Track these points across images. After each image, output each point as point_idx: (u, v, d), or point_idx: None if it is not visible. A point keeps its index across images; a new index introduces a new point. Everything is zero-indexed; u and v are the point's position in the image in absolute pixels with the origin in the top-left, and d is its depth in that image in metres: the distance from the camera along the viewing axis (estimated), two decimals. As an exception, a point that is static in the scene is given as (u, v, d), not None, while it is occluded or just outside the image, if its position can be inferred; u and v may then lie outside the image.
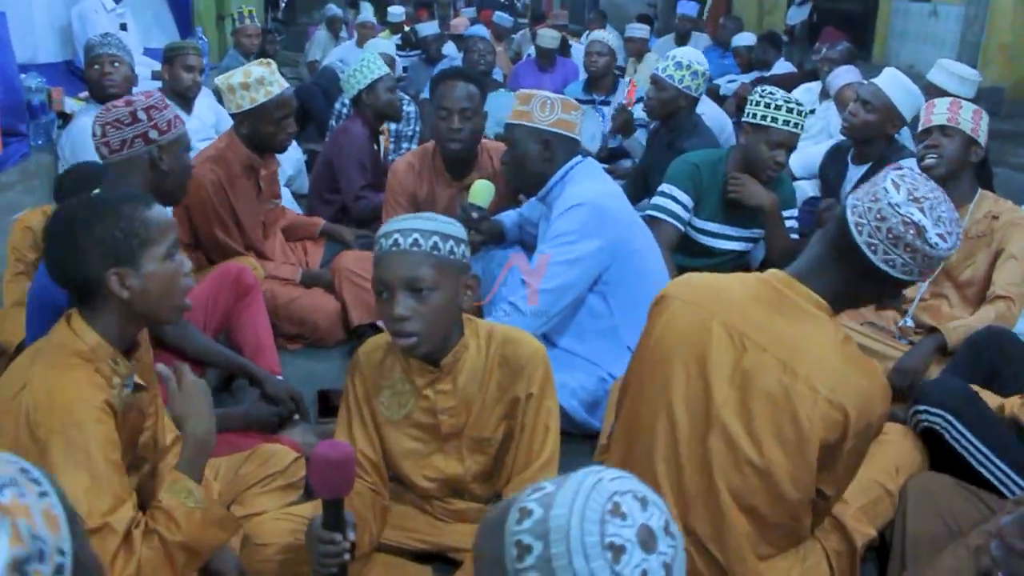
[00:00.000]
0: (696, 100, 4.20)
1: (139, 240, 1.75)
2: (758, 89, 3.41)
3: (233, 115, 3.40)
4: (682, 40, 8.41)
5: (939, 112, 3.07)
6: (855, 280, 1.75)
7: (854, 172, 3.89)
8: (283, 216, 3.91)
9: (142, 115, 2.39)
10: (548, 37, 7.24)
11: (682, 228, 3.53)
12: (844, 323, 3.02)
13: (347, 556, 1.71)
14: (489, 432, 2.05)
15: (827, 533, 2.01)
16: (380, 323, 3.42)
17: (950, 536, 1.99)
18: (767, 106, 3.32)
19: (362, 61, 4.38)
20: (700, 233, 3.58)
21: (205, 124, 4.89)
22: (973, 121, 3.03)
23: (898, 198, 1.67)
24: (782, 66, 7.32)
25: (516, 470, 2.05)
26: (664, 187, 3.55)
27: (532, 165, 2.91)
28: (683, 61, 4.10)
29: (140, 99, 2.44)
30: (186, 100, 4.67)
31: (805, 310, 1.76)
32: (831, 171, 4.03)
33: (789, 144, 3.35)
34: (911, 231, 1.65)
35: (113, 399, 1.75)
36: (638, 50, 7.61)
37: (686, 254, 3.54)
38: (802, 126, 3.35)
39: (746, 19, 11.49)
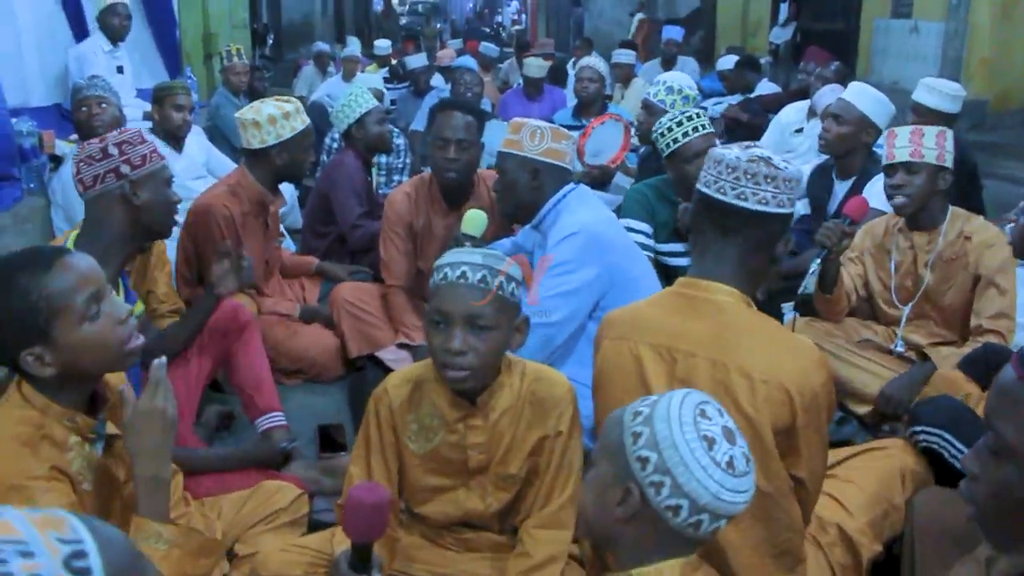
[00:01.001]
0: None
1: (44, 315, 1.59)
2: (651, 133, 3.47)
3: (268, 148, 3.38)
4: (668, 65, 8.48)
5: (901, 146, 2.93)
6: (748, 244, 1.81)
7: (840, 188, 3.93)
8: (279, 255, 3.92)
9: (113, 150, 2.34)
10: (535, 67, 7.30)
11: (652, 256, 3.51)
12: (840, 343, 3.07)
13: None
14: (515, 469, 2.03)
15: (832, 546, 2.04)
16: (378, 354, 3.47)
17: (959, 551, 1.99)
18: (663, 135, 3.38)
19: (350, 96, 4.41)
20: (668, 256, 3.56)
21: (195, 163, 4.90)
22: (938, 147, 2.91)
23: (734, 152, 1.80)
24: (766, 87, 7.39)
25: (536, 506, 2.04)
26: (622, 222, 3.49)
27: (521, 194, 2.92)
28: (674, 86, 4.16)
29: (114, 134, 2.39)
30: (176, 140, 4.69)
31: (719, 304, 1.81)
32: (817, 189, 4.07)
33: (705, 148, 3.27)
34: (760, 164, 1.77)
35: (70, 461, 1.67)
36: (625, 75, 7.68)
37: (666, 283, 3.52)
38: (704, 126, 3.36)
39: (730, 40, 11.62)
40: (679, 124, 3.36)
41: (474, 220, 2.96)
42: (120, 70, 6.10)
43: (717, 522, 1.34)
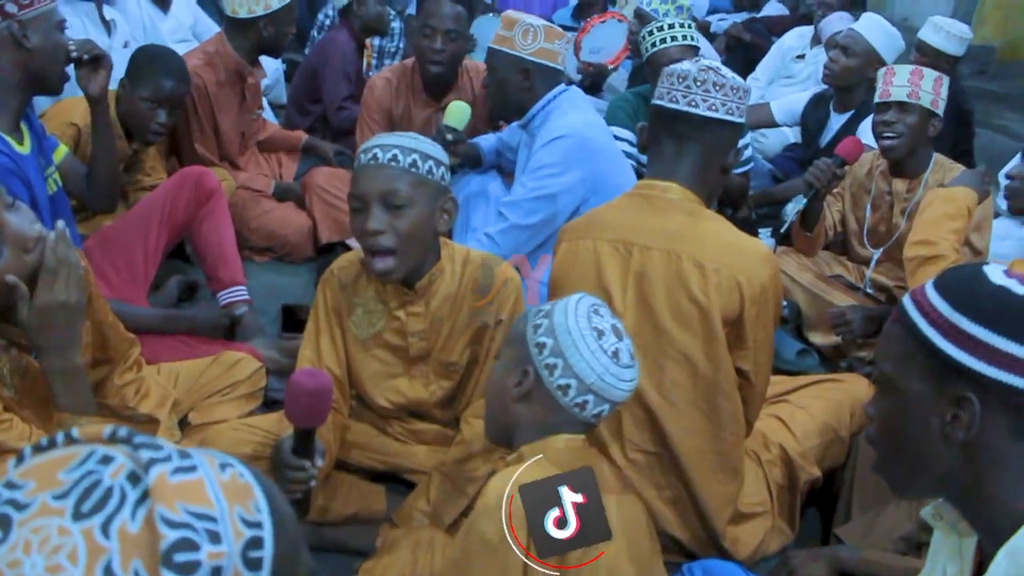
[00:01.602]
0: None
1: None
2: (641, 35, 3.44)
3: (256, 18, 3.27)
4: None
5: (899, 84, 2.84)
6: (700, 150, 1.91)
7: (836, 120, 3.87)
8: (264, 128, 3.84)
9: None
10: (537, -41, 7.06)
11: (634, 164, 3.49)
12: (811, 277, 3.07)
13: (313, 483, 1.70)
14: (456, 357, 2.05)
15: (772, 465, 2.11)
16: (349, 242, 3.43)
17: (896, 492, 2.03)
18: (645, 38, 3.36)
19: (357, -29, 4.27)
20: None
21: (182, 25, 4.73)
22: (934, 92, 2.83)
23: (686, 65, 1.93)
24: (774, 7, 7.19)
25: (477, 395, 2.06)
26: None
27: (511, 93, 2.86)
28: (669, -6, 4.04)
29: None
30: (163, -1, 4.52)
31: (676, 203, 1.90)
32: (812, 119, 4.01)
33: (684, 58, 3.26)
34: (710, 73, 1.88)
35: None
36: (630, -20, 7.45)
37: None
38: (686, 36, 3.31)
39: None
40: (661, 29, 3.31)
41: (457, 112, 2.90)
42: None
43: (601, 405, 1.50)
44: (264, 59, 3.58)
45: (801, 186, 3.60)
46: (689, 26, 3.37)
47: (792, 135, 4.48)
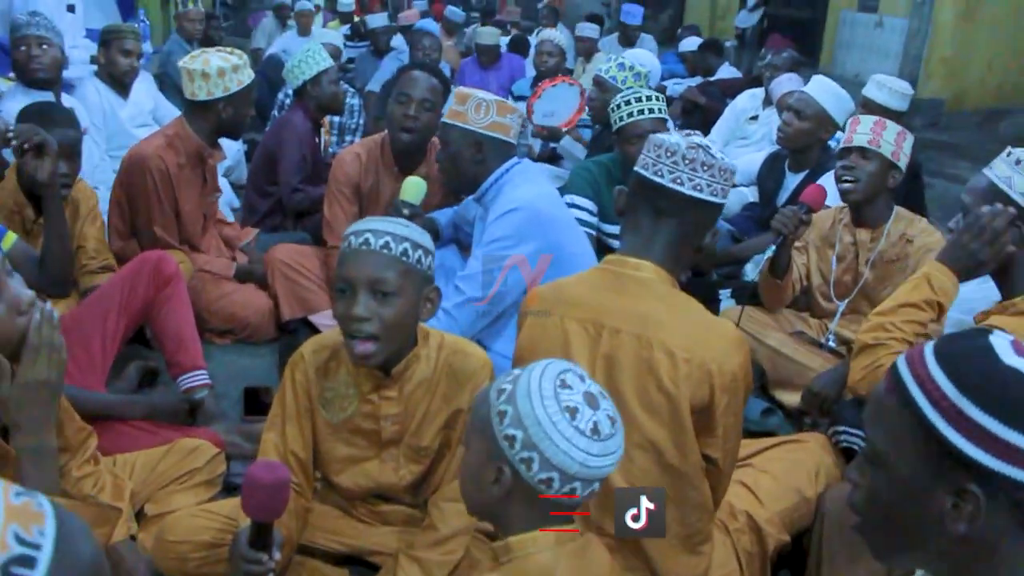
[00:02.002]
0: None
1: None
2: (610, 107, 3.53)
3: (215, 100, 3.30)
4: (627, 41, 8.40)
5: (861, 132, 2.95)
6: (679, 228, 1.85)
7: (791, 180, 3.93)
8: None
9: None
10: (487, 34, 7.24)
11: (594, 233, 3.51)
12: (773, 334, 3.08)
13: (271, 575, 1.67)
14: (428, 441, 2.02)
15: (740, 533, 2.07)
16: (311, 318, 3.42)
17: (866, 549, 2.01)
18: (615, 110, 3.43)
19: (307, 52, 4.32)
20: (612, 238, 3.55)
21: (142, 110, 4.78)
22: (895, 144, 2.92)
23: (675, 138, 1.85)
24: (727, 71, 7.38)
25: (447, 479, 2.03)
26: (566, 198, 3.50)
27: (464, 167, 2.88)
28: (625, 63, 4.13)
29: None
30: (122, 85, 4.55)
31: (645, 281, 1.84)
32: (768, 179, 4.08)
33: (656, 130, 3.34)
34: (699, 152, 1.82)
35: None
36: (587, 50, 7.60)
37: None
38: (657, 110, 3.40)
39: (699, 21, 11.60)
40: (630, 102, 3.37)
41: (412, 187, 2.91)
42: (71, 8, 5.89)
43: (591, 486, 1.39)
44: (225, 140, 3.59)
45: (760, 244, 3.67)
46: (659, 99, 3.43)
47: (751, 194, 4.55)
